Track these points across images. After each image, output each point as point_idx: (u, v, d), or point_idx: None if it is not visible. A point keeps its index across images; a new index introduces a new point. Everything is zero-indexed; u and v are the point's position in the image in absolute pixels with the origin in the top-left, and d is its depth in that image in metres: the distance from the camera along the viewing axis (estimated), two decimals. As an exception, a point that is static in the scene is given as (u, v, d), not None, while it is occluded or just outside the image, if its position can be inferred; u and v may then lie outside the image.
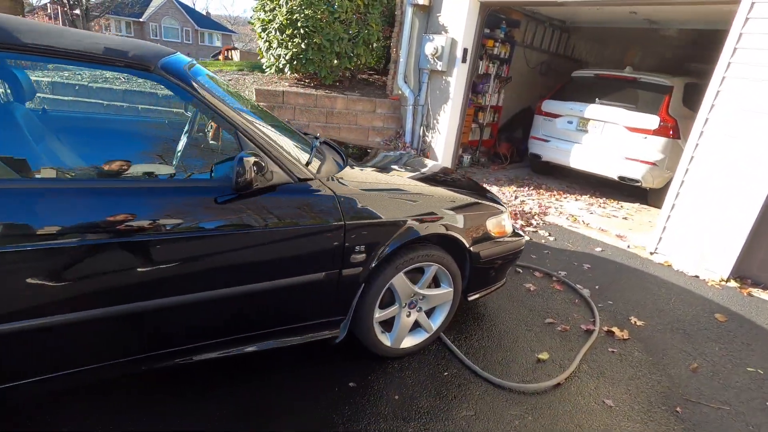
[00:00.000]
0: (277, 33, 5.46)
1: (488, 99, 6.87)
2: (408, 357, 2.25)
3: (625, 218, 4.98)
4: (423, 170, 2.61)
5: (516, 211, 4.68)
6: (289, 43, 5.44)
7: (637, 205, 5.59)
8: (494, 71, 6.72)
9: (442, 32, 5.33)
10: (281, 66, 5.65)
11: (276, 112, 5.45)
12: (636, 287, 3.34)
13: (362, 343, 2.11)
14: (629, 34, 7.47)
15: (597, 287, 3.26)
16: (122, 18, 34.39)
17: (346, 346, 2.19)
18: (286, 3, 5.28)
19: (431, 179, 2.41)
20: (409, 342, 2.25)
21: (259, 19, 5.67)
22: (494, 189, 5.48)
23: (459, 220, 2.15)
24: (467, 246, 2.21)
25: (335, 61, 5.58)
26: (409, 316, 2.18)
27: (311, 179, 1.76)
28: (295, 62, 5.53)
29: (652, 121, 4.97)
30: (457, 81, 5.37)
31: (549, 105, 5.92)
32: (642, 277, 3.55)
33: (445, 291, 2.23)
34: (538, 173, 6.78)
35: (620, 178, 5.31)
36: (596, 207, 5.30)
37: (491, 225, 2.33)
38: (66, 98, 4.90)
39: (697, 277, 3.64)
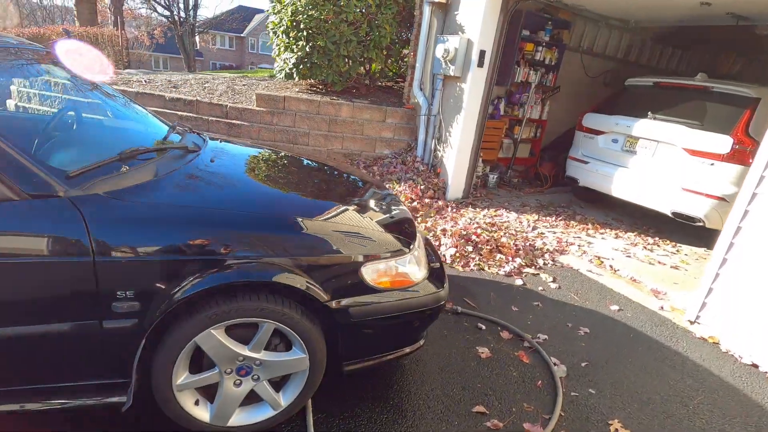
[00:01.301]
0: (283, 36, 5.19)
1: (527, 111, 5.96)
2: (241, 440, 1.66)
3: (675, 267, 3.82)
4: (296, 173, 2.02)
5: (521, 246, 3.81)
6: (294, 47, 5.14)
7: (702, 250, 4.33)
8: (536, 79, 5.81)
9: (458, 33, 4.64)
10: (289, 71, 5.38)
11: (275, 118, 5.17)
12: (646, 371, 2.38)
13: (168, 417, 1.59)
14: (717, 35, 6.05)
15: (585, 364, 2.37)
16: (225, 33, 37.70)
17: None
18: (292, 4, 4.99)
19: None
20: (244, 419, 1.67)
21: (272, 22, 5.47)
22: (511, 216, 4.62)
23: (303, 261, 1.54)
24: (325, 299, 1.58)
25: (344, 66, 5.17)
26: (239, 385, 1.61)
27: (53, 195, 1.28)
28: (301, 67, 5.22)
29: (723, 142, 3.78)
30: (472, 88, 4.63)
31: (591, 119, 4.90)
32: (663, 355, 2.55)
33: (296, 357, 1.62)
34: (581, 200, 5.68)
35: (674, 214, 4.14)
36: (639, 249, 4.17)
37: (372, 271, 1.68)
38: None
39: (755, 366, 2.54)
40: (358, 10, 4.92)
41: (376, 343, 1.82)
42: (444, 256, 3.45)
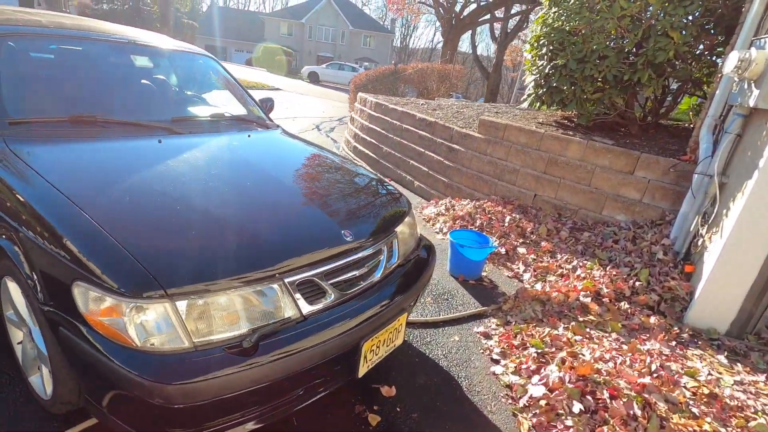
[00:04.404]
0: (527, 56, 4.37)
1: None
2: None
3: None
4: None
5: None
6: (533, 68, 4.24)
7: None
8: None
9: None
10: (528, 96, 4.51)
11: (490, 148, 4.47)
12: None
13: None
14: None
15: None
16: (286, 20, 40.74)
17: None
18: (551, 11, 4.08)
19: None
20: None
21: (530, 39, 4.70)
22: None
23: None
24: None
25: (591, 91, 3.82)
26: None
27: None
28: (540, 92, 4.25)
29: None
30: (797, 134, 2.30)
31: None
32: None
33: None
34: None
35: None
36: None
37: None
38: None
39: None
40: (626, 13, 3.46)
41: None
42: None
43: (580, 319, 2.68)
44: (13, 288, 1.55)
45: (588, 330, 2.58)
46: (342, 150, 7.75)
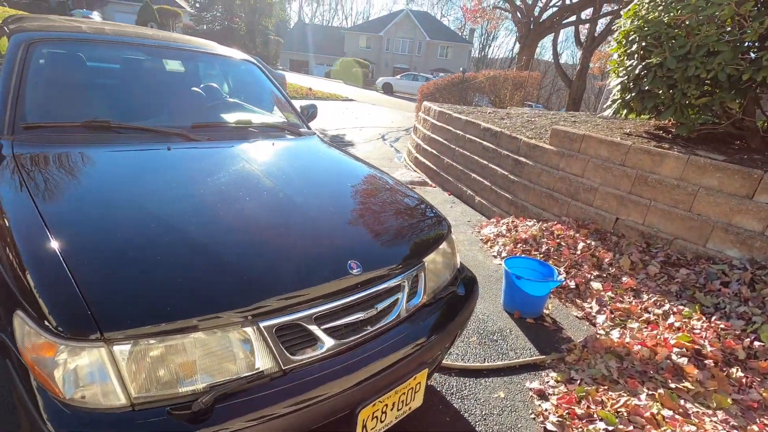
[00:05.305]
0: (613, 55, 3.73)
1: None
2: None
3: None
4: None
5: None
6: (620, 69, 3.59)
7: None
8: None
9: None
10: (612, 102, 3.85)
11: (562, 161, 3.88)
12: None
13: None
14: None
15: None
16: (365, 33, 41.84)
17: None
18: (644, 0, 3.43)
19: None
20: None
21: (616, 36, 4.03)
22: None
23: None
24: None
25: (694, 96, 3.11)
26: None
27: None
28: (628, 97, 3.59)
29: None
30: None
31: None
32: None
33: None
34: None
35: None
36: None
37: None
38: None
39: None
40: (748, -3, 2.74)
41: None
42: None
43: (672, 385, 2.06)
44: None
45: (682, 402, 1.96)
46: (403, 161, 7.47)
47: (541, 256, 3.38)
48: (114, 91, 2.09)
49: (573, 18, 15.20)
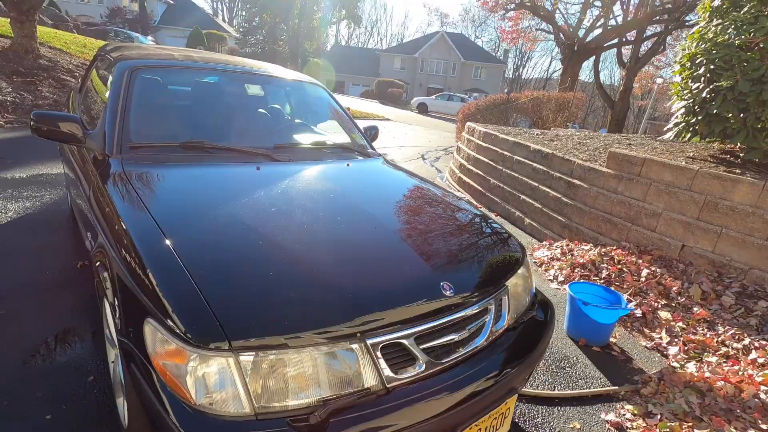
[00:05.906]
0: (675, 78, 3.65)
1: None
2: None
3: None
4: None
5: None
6: (684, 92, 3.51)
7: None
8: None
9: None
10: (675, 125, 3.75)
11: (621, 185, 3.79)
12: None
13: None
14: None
15: None
16: (400, 55, 42.55)
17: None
18: (711, 23, 3.36)
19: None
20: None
21: (681, 59, 3.94)
22: None
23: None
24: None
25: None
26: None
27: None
28: (693, 121, 3.50)
29: None
30: None
31: None
32: None
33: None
34: None
35: None
36: None
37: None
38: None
39: None
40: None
41: None
42: None
43: (763, 426, 1.94)
44: (106, 310, 1.55)
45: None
46: (446, 180, 7.48)
47: (602, 281, 3.28)
48: (204, 114, 2.23)
49: (616, 40, 14.99)
